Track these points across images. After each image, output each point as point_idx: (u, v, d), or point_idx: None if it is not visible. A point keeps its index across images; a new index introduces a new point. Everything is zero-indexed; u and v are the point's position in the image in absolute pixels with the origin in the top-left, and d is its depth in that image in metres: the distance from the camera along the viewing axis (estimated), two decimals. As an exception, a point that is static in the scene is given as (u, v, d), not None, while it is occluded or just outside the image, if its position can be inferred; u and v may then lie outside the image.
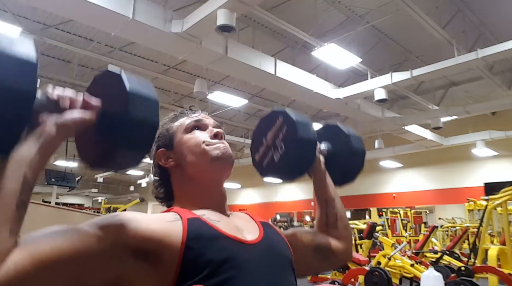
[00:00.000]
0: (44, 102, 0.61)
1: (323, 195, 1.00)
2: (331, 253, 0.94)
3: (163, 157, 0.84)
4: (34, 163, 0.58)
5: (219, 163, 0.80)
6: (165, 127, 0.87)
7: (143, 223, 0.66)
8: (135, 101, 0.62)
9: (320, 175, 1.01)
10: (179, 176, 0.83)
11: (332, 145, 1.09)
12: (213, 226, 0.70)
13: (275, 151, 0.95)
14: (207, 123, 0.86)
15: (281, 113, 0.96)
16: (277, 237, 0.80)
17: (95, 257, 0.60)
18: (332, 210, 0.98)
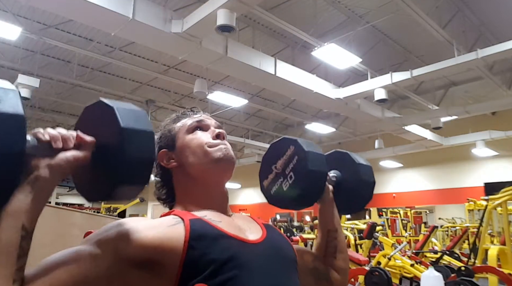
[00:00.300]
0: (35, 145, 0.58)
1: (326, 225, 1.00)
2: (327, 280, 0.94)
3: (165, 157, 0.84)
4: (31, 212, 0.56)
5: (220, 164, 0.80)
6: (167, 128, 0.87)
7: (143, 232, 0.65)
8: (129, 138, 0.60)
9: (327, 204, 1.00)
10: (181, 176, 0.83)
11: (341, 173, 1.08)
12: (215, 226, 0.70)
13: (284, 180, 0.95)
14: (209, 124, 0.86)
15: (293, 142, 0.96)
16: (280, 238, 0.81)
17: (99, 278, 0.61)
18: (332, 241, 0.98)
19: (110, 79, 9.46)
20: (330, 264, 0.96)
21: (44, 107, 11.06)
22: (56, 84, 9.27)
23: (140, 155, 0.61)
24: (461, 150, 11.07)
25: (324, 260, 0.97)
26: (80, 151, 0.61)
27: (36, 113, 11.24)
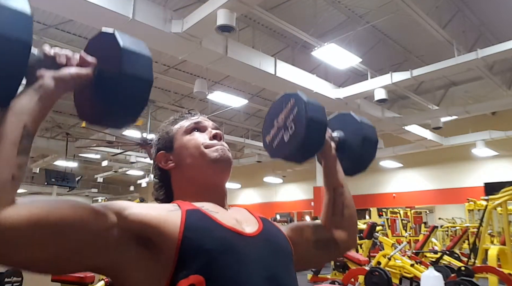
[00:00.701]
0: (41, 58, 0.62)
1: (331, 182, 1.00)
2: (334, 245, 0.95)
3: (163, 159, 0.85)
4: (34, 113, 0.59)
5: (217, 165, 0.81)
6: (165, 130, 0.89)
7: (144, 209, 0.68)
8: (129, 57, 0.65)
9: (330, 160, 1.01)
10: (179, 177, 0.84)
11: (344, 133, 1.09)
12: (212, 216, 0.71)
13: (285, 132, 0.96)
14: (206, 125, 0.88)
15: (293, 95, 0.98)
16: (276, 231, 0.81)
17: (97, 234, 0.61)
18: (339, 197, 0.99)
19: (110, 79, 9.45)
20: (339, 224, 0.97)
21: (44, 107, 11.06)
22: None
23: (138, 73, 0.65)
24: (461, 150, 11.08)
25: (333, 220, 0.97)
26: (83, 68, 0.65)
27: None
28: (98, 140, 10.51)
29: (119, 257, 0.63)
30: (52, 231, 0.56)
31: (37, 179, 18.70)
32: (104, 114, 0.67)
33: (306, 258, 0.91)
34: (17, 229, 0.53)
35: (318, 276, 6.86)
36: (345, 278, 5.32)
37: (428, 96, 9.82)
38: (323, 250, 0.93)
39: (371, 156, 1.10)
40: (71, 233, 0.58)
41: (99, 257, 0.62)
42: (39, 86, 0.61)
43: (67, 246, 0.58)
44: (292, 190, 16.17)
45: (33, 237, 0.54)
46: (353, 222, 1.00)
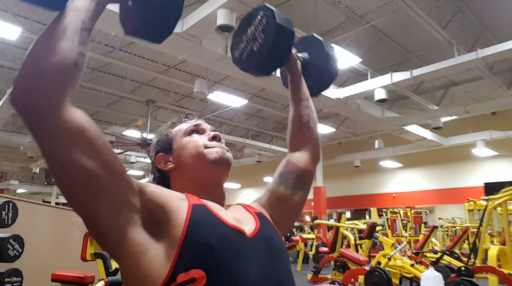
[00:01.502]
0: None
1: (298, 95, 1.05)
2: (305, 176, 0.97)
3: (162, 160, 0.86)
4: (89, 11, 0.67)
5: (217, 165, 0.83)
6: (164, 133, 0.90)
7: (161, 190, 0.72)
8: None
9: (296, 75, 1.06)
10: (179, 178, 0.84)
11: (308, 54, 1.14)
12: (216, 213, 0.72)
13: (255, 42, 1.00)
14: (205, 128, 0.89)
15: (261, 8, 1.02)
16: (271, 228, 0.82)
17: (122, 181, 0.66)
18: (305, 109, 1.04)
19: (110, 79, 9.46)
20: (305, 135, 1.02)
21: (44, 107, 11.06)
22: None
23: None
24: (461, 150, 11.08)
25: (300, 134, 1.02)
26: None
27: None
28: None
29: (129, 230, 0.64)
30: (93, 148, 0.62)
31: (37, 179, 18.71)
32: (143, 22, 0.73)
33: (292, 208, 0.94)
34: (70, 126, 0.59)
35: (318, 276, 6.86)
36: (345, 278, 5.32)
37: (428, 96, 9.82)
38: (301, 190, 0.96)
39: (334, 73, 1.14)
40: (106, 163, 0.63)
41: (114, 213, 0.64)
42: None
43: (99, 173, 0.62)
44: (292, 190, 16.15)
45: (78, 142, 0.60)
46: (318, 135, 1.05)
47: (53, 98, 0.58)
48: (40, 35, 0.65)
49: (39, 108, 0.57)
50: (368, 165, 13.21)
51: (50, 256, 3.82)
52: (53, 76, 0.58)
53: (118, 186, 0.64)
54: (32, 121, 0.58)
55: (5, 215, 2.78)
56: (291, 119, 1.05)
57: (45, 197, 19.92)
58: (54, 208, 5.20)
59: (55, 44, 0.61)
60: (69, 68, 0.60)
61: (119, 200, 0.64)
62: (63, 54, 0.60)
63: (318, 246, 9.38)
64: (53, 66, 0.59)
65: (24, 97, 0.58)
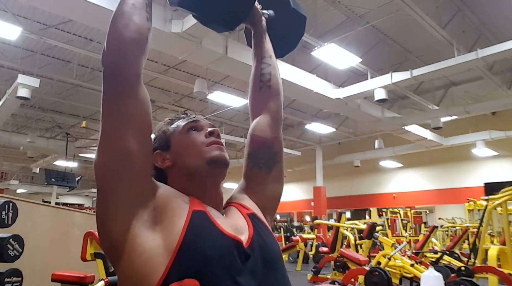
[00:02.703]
0: None
1: (260, 52, 1.01)
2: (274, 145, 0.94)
3: (160, 158, 0.84)
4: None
5: (214, 165, 0.81)
6: (161, 130, 0.88)
7: (168, 191, 0.75)
8: None
9: (259, 30, 1.03)
10: (176, 176, 0.83)
11: (274, 12, 1.07)
12: (215, 222, 0.71)
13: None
14: (203, 125, 0.87)
15: None
16: (265, 232, 0.81)
17: (149, 169, 0.74)
18: (267, 67, 1.00)
19: (110, 79, 9.45)
20: (266, 96, 0.97)
21: (44, 107, 11.06)
22: (56, 84, 9.28)
23: None
24: (461, 150, 11.08)
25: (261, 93, 0.98)
26: None
27: (36, 113, 11.25)
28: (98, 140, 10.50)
29: (134, 223, 0.66)
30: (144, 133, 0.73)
31: (37, 179, 18.71)
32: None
33: (274, 184, 0.94)
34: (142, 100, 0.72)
35: (318, 276, 6.86)
36: (345, 278, 5.32)
37: (428, 96, 9.82)
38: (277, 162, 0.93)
39: (300, 33, 1.09)
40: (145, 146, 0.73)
41: (130, 193, 0.68)
42: None
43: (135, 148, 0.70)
44: (292, 190, 16.16)
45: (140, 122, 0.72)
46: (280, 92, 1.01)
47: (137, 66, 0.71)
48: (115, 11, 0.74)
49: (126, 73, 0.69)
50: (368, 165, 13.21)
51: (50, 256, 3.82)
52: (135, 45, 0.71)
53: (143, 176, 0.70)
54: (116, 82, 0.69)
55: (5, 215, 2.78)
56: (251, 79, 1.00)
57: (45, 197, 19.92)
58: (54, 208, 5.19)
59: (130, 20, 0.72)
60: (144, 41, 0.72)
61: (139, 188, 0.69)
62: (137, 30, 0.72)
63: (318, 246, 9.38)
64: (133, 38, 0.71)
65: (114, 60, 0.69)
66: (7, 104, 7.61)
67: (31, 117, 11.73)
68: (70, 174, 11.89)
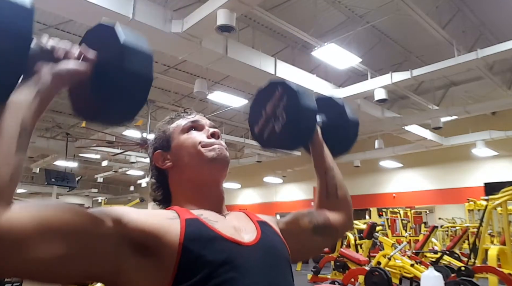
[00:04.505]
0: (38, 51, 0.61)
1: (322, 166, 1.01)
2: (332, 229, 0.95)
3: (160, 158, 0.84)
4: (31, 108, 0.58)
5: (214, 164, 0.81)
6: (161, 129, 0.87)
7: (143, 216, 0.66)
8: (129, 54, 0.62)
9: (318, 145, 1.02)
10: (177, 177, 0.83)
11: (327, 117, 1.09)
12: (211, 227, 0.70)
13: (276, 121, 0.96)
14: (204, 124, 0.87)
15: (280, 84, 0.97)
16: (274, 237, 0.80)
17: (98, 238, 0.59)
18: (331, 180, 1.00)
19: (110, 79, 9.46)
20: (334, 206, 0.98)
21: (44, 107, 11.06)
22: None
23: (138, 70, 0.63)
24: (461, 150, 11.07)
25: (328, 203, 0.98)
26: (82, 63, 0.63)
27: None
28: (98, 140, 10.51)
29: (119, 265, 0.62)
30: (52, 234, 0.54)
31: (37, 179, 18.69)
32: (101, 111, 0.65)
33: (307, 246, 0.91)
34: (16, 232, 0.51)
35: (318, 276, 6.86)
36: (345, 278, 5.32)
37: (428, 96, 9.81)
38: (322, 236, 0.93)
39: (354, 138, 1.10)
40: (71, 237, 0.56)
41: (98, 265, 0.60)
42: (36, 82, 0.59)
43: (66, 251, 0.55)
44: (292, 190, 16.15)
45: (32, 240, 0.52)
46: (348, 202, 1.01)
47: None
48: None
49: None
50: (368, 165, 13.20)
51: (50, 256, 3.82)
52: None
53: (93, 247, 0.59)
54: None
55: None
56: (318, 189, 1.01)
57: (45, 197, 19.93)
58: (54, 208, 5.19)
59: None
60: (2, 185, 0.52)
61: (102, 254, 0.60)
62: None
63: (318, 246, 9.37)
64: None
65: None
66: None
67: (31, 117, 11.72)
68: (70, 174, 11.89)
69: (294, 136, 0.94)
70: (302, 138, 0.98)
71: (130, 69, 0.62)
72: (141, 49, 0.64)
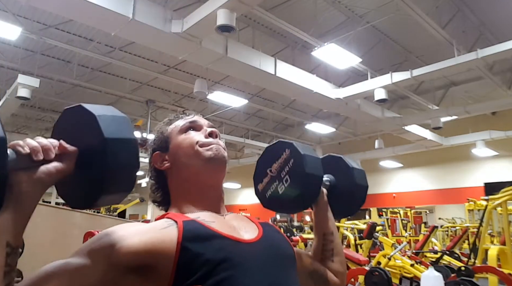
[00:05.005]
0: (15, 158, 0.55)
1: (322, 228, 0.99)
2: (326, 283, 0.94)
3: (159, 159, 0.84)
4: (15, 229, 0.54)
5: (211, 164, 0.80)
6: (160, 131, 0.87)
7: (135, 238, 0.65)
8: (112, 148, 0.59)
9: (322, 207, 1.00)
10: (175, 177, 0.82)
11: (335, 177, 1.07)
12: (208, 226, 0.70)
13: (279, 183, 0.95)
14: (202, 124, 0.87)
15: (288, 145, 0.96)
16: (277, 236, 0.80)
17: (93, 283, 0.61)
18: (329, 244, 0.97)
19: (110, 79, 9.46)
20: (328, 267, 0.97)
21: (44, 107, 11.06)
22: (56, 84, 9.27)
23: (123, 162, 0.60)
24: (461, 150, 11.07)
25: (322, 263, 0.97)
26: (63, 161, 0.59)
27: (36, 113, 11.25)
28: None
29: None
30: None
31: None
32: (88, 200, 0.63)
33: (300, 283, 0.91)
34: None
35: (318, 276, 6.85)
36: (345, 278, 5.31)
37: (428, 96, 9.81)
38: (316, 283, 0.92)
39: (361, 202, 1.07)
40: None
41: None
42: (16, 196, 0.55)
43: None
44: (292, 190, 16.15)
45: None
46: (344, 269, 0.99)
47: None
48: None
49: None
50: (368, 165, 13.18)
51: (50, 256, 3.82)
52: None
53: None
54: None
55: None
56: (314, 249, 0.99)
57: (45, 197, 19.90)
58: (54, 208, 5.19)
59: None
60: None
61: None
62: None
63: (318, 246, 9.36)
64: None
65: None
66: (7, 104, 7.61)
67: (31, 117, 11.72)
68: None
69: (295, 200, 0.93)
70: (304, 204, 0.97)
71: (115, 162, 0.59)
72: (125, 138, 0.62)
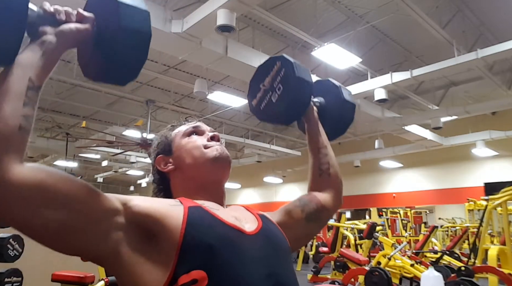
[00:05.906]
0: (41, 15, 0.64)
1: (316, 144, 1.05)
2: (324, 212, 0.97)
3: (162, 162, 0.87)
4: (38, 67, 0.61)
5: (217, 163, 0.83)
6: (164, 136, 0.91)
7: (148, 202, 0.69)
8: (126, 11, 0.65)
9: (313, 122, 1.06)
10: (179, 179, 0.85)
11: (324, 99, 1.13)
12: (213, 213, 0.72)
13: (273, 93, 1.00)
14: (204, 129, 0.90)
15: (279, 58, 1.01)
16: (274, 228, 0.82)
17: (101, 214, 0.62)
18: (324, 157, 1.04)
19: (110, 79, 9.45)
20: (326, 182, 1.02)
21: (44, 107, 11.05)
22: (56, 84, 9.27)
23: (136, 26, 0.66)
24: (461, 150, 11.08)
25: (320, 181, 1.02)
26: (82, 23, 0.67)
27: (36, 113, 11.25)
28: (98, 140, 10.51)
29: (122, 247, 0.64)
30: (56, 200, 0.58)
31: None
32: (105, 70, 0.69)
33: (302, 235, 0.94)
34: (23, 189, 0.55)
35: (318, 276, 6.86)
36: (345, 278, 5.32)
37: (428, 96, 9.81)
38: (315, 221, 0.95)
39: (350, 120, 1.15)
40: (76, 207, 0.59)
41: (101, 242, 0.62)
42: (41, 42, 0.62)
43: (71, 219, 0.59)
44: (292, 190, 16.16)
45: (37, 200, 0.56)
46: (339, 180, 1.05)
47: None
48: None
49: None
50: (368, 165, 13.21)
51: (50, 256, 3.83)
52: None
53: (96, 220, 0.62)
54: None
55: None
56: (310, 167, 1.05)
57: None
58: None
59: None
60: (12, 134, 0.55)
61: (103, 230, 0.62)
62: (4, 120, 0.55)
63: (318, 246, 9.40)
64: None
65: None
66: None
67: (31, 117, 11.72)
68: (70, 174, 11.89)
69: (289, 107, 0.97)
70: (297, 110, 1.01)
71: (129, 26, 0.65)
72: (138, 6, 0.68)
